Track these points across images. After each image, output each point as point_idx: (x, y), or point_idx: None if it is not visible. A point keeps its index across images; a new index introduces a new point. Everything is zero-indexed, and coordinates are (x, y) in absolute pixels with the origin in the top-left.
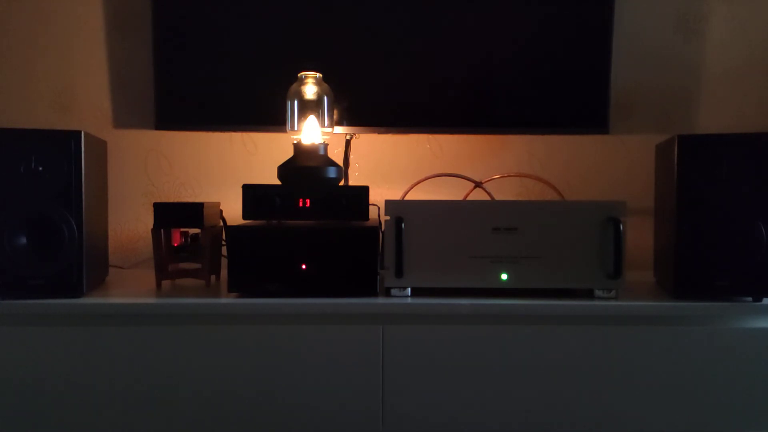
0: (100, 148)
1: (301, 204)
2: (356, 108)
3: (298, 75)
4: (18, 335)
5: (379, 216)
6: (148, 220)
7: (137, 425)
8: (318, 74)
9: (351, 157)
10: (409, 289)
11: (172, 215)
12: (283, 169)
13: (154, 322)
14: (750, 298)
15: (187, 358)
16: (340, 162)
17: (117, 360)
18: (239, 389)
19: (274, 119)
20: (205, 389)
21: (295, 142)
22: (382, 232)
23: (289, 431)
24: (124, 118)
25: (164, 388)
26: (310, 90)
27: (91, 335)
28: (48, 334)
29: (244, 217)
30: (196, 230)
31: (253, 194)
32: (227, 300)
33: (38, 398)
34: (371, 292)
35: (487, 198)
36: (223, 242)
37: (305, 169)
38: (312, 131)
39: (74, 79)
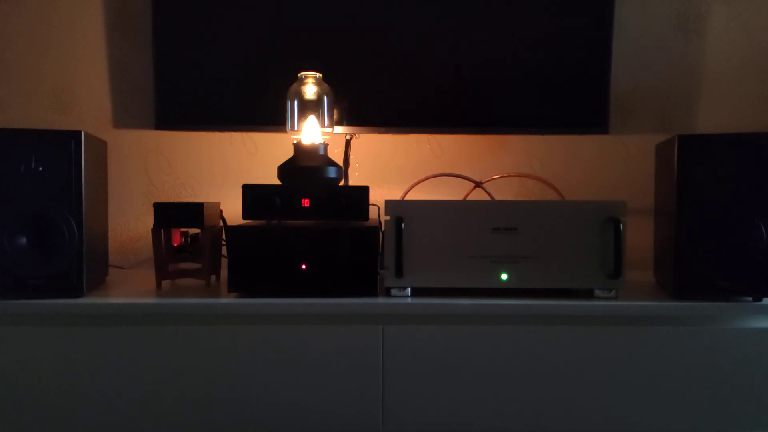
0: (100, 148)
1: (301, 204)
2: (356, 108)
3: (298, 75)
4: (18, 335)
5: (379, 216)
6: (148, 220)
7: (137, 425)
8: (318, 74)
9: (351, 157)
10: (409, 289)
11: (172, 215)
12: (283, 169)
13: (154, 322)
14: (750, 298)
15: (187, 358)
16: (340, 162)
17: (117, 360)
18: (239, 389)
19: (274, 119)
20: (204, 389)
21: (295, 142)
22: (382, 232)
23: (288, 431)
24: (124, 118)
25: (164, 388)
26: (310, 90)
27: (91, 335)
28: (48, 334)
29: (244, 217)
30: (196, 230)
31: (253, 194)
32: (227, 300)
33: (38, 398)
34: (371, 292)
35: (487, 198)
36: (223, 242)
37: (305, 169)
38: (312, 131)
39: (74, 79)
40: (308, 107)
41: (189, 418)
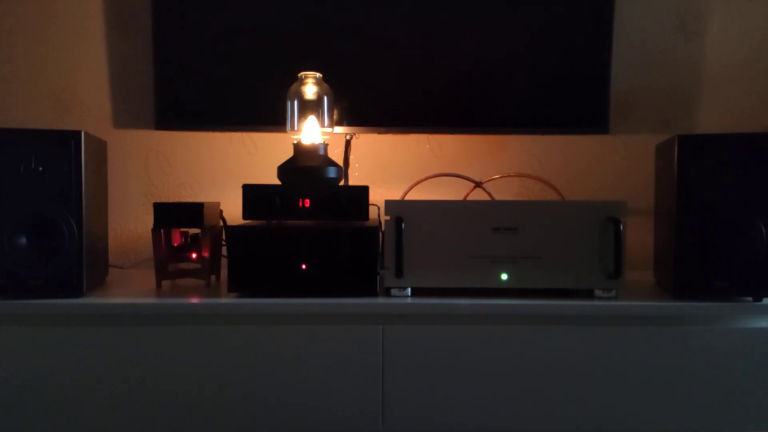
0: (100, 148)
1: (301, 204)
2: (356, 108)
3: (298, 75)
4: (18, 335)
5: (379, 216)
6: (148, 220)
7: (137, 425)
8: (318, 74)
9: (351, 157)
10: (409, 289)
11: (172, 215)
12: (283, 169)
13: (154, 322)
14: (750, 298)
15: (187, 358)
16: (340, 162)
17: (117, 360)
18: (239, 389)
19: (274, 119)
20: (204, 389)
21: (295, 142)
22: (382, 232)
23: (288, 431)
24: (124, 118)
25: (164, 388)
26: (310, 90)
27: (91, 335)
28: (48, 334)
29: (244, 217)
30: (196, 230)
31: (253, 194)
32: (227, 300)
33: (38, 398)
34: (371, 292)
35: (487, 198)
36: (223, 242)
37: (305, 169)
38: (312, 131)
39: (74, 79)
40: (308, 107)
41: (189, 417)
